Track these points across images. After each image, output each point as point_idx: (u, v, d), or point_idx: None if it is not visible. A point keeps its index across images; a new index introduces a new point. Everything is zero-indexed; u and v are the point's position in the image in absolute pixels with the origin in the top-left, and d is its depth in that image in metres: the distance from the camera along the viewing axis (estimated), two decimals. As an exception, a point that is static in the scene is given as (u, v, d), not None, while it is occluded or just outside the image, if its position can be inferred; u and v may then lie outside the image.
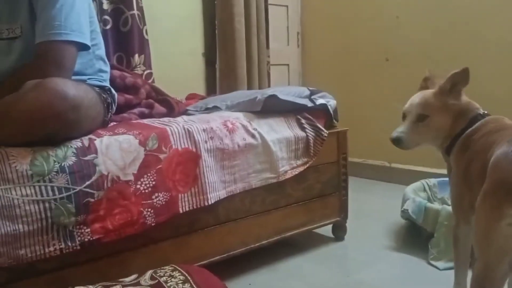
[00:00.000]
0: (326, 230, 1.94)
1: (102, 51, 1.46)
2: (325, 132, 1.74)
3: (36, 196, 1.10)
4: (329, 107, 1.79)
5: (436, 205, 1.81)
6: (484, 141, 1.10)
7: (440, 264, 1.64)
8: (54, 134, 1.13)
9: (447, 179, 2.19)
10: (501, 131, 1.08)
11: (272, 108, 1.65)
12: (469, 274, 1.04)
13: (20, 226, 1.08)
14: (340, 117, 1.87)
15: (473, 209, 1.00)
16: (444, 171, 2.47)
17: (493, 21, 2.43)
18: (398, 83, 2.69)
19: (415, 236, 1.63)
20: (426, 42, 2.69)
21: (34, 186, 1.10)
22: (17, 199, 1.08)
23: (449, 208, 1.75)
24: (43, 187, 1.11)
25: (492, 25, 2.44)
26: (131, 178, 1.27)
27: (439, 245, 1.69)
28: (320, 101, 1.77)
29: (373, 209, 2.31)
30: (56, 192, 1.13)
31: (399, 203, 2.01)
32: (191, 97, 2.17)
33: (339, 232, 1.93)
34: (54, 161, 1.13)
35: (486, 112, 1.26)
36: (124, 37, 2.17)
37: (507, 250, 0.89)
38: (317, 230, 1.89)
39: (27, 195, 1.09)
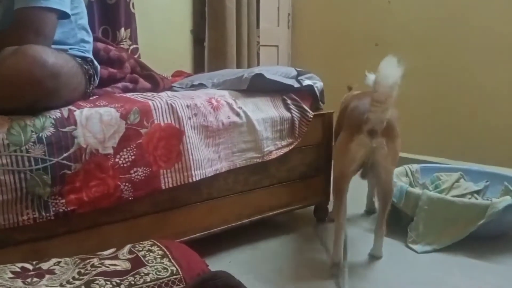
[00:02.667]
0: (308, 212, 1.95)
1: (84, 21, 1.43)
2: (311, 114, 1.73)
3: (12, 166, 1.08)
4: (315, 89, 1.78)
5: (417, 190, 1.83)
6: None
7: (418, 247, 1.66)
8: (33, 103, 1.11)
9: (429, 165, 2.24)
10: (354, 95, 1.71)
11: (258, 87, 1.63)
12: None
13: (-4, 195, 1.07)
14: (326, 100, 1.87)
15: None
16: (427, 157, 2.49)
17: (483, 9, 2.43)
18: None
19: (395, 219, 1.65)
20: (417, 28, 2.68)
21: (10, 156, 1.08)
22: (-7, 168, 1.06)
23: (430, 193, 1.77)
24: (19, 157, 1.09)
25: (483, 14, 2.44)
26: (111, 151, 1.25)
27: (418, 229, 1.71)
28: (307, 82, 1.76)
29: (355, 192, 2.32)
30: (33, 163, 1.11)
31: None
32: (178, 74, 2.14)
33: (321, 213, 1.94)
34: (32, 131, 1.11)
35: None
36: (111, 9, 2.12)
37: (354, 159, 1.44)
38: (299, 211, 1.90)
39: (1, 165, 1.07)
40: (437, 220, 1.70)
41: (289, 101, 1.71)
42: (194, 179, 1.43)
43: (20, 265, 1.07)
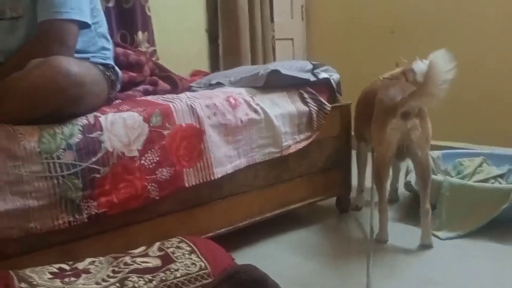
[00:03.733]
0: (330, 203, 1.97)
1: (104, 29, 1.47)
2: (328, 106, 1.75)
3: (45, 172, 1.14)
4: (332, 81, 1.79)
5: (439, 177, 1.83)
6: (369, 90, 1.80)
7: (442, 234, 1.66)
8: (58, 111, 1.16)
9: (451, 151, 2.23)
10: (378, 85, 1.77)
11: (274, 83, 1.66)
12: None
13: (30, 201, 1.13)
14: (344, 91, 1.88)
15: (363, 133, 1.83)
16: (449, 143, 2.47)
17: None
18: (403, 56, 2.66)
19: (417, 207, 1.66)
20: (432, 15, 2.64)
21: (42, 163, 1.14)
22: (26, 175, 1.12)
23: (452, 179, 1.77)
24: (51, 164, 1.15)
25: (499, 1, 2.39)
26: (136, 154, 1.30)
27: (441, 216, 1.71)
28: (323, 75, 1.77)
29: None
30: (64, 169, 1.16)
31: (402, 175, 2.04)
32: (195, 73, 2.18)
33: (343, 204, 1.96)
34: (61, 139, 1.16)
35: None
36: (127, 14, 2.17)
37: (391, 143, 1.52)
38: (321, 203, 1.92)
39: (35, 172, 1.13)
40: (460, 206, 1.69)
41: (306, 95, 1.72)
42: (216, 177, 1.47)
43: (57, 265, 1.13)
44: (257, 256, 1.58)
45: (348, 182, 1.93)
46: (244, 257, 1.53)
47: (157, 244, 1.25)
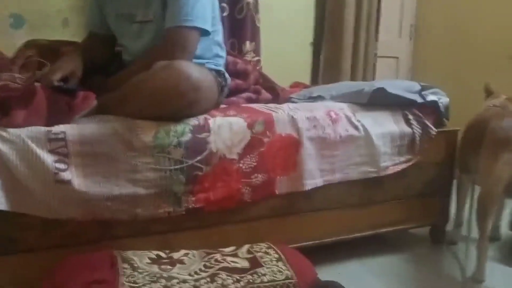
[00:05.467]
0: (423, 232, 1.87)
1: (220, 37, 1.57)
2: (433, 130, 1.67)
3: (155, 165, 1.24)
4: (440, 104, 1.71)
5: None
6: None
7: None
8: (176, 111, 1.26)
9: None
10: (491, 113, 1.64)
11: (378, 101, 1.62)
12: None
13: (139, 189, 1.24)
14: (452, 116, 1.77)
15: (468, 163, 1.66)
16: None
17: None
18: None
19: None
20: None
21: (154, 156, 1.24)
22: (139, 165, 1.23)
23: None
24: (161, 158, 1.25)
25: None
26: (236, 157, 1.36)
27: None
28: (431, 97, 1.70)
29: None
30: (172, 163, 1.26)
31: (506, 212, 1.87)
32: (295, 85, 2.21)
33: (437, 235, 1.85)
34: (174, 136, 1.26)
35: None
36: (238, 24, 2.28)
37: (501, 179, 1.43)
38: (414, 231, 1.83)
39: (147, 163, 1.23)
40: None
41: (410, 116, 1.66)
42: (305, 188, 1.48)
43: (155, 252, 1.22)
44: (341, 275, 1.54)
45: (445, 212, 1.81)
46: (327, 273, 1.50)
47: (246, 246, 1.29)
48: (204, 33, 1.40)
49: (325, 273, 1.47)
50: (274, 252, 1.26)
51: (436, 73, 2.95)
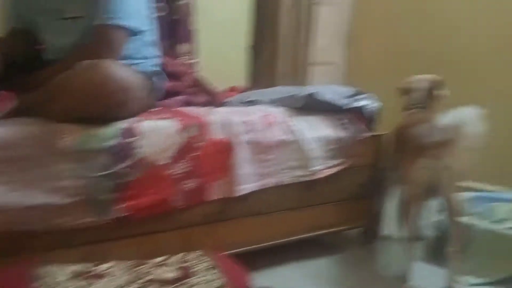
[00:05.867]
0: (356, 233, 1.92)
1: (153, 37, 1.51)
2: (364, 134, 1.72)
3: (80, 171, 1.16)
4: (371, 109, 1.77)
5: (469, 220, 1.75)
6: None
7: (470, 279, 1.58)
8: (103, 114, 1.19)
9: (483, 194, 2.14)
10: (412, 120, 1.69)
11: (313, 106, 1.65)
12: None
13: (62, 197, 1.15)
14: (384, 121, 1.84)
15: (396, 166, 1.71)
16: (481, 185, 2.35)
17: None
18: (451, 90, 2.60)
19: (445, 248, 1.59)
20: (483, 48, 2.57)
21: (78, 162, 1.16)
22: (62, 172, 1.14)
23: (484, 224, 1.70)
24: (86, 163, 1.17)
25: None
26: (168, 162, 1.31)
27: (469, 260, 1.63)
28: (362, 102, 1.75)
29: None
30: (98, 170, 1.18)
31: (430, 213, 1.96)
32: (232, 89, 2.19)
33: (370, 236, 1.90)
34: (100, 140, 1.19)
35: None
36: (174, 25, 2.22)
37: (420, 182, 1.49)
38: (348, 232, 1.88)
39: (70, 169, 1.15)
40: (490, 253, 1.62)
41: (343, 121, 1.70)
42: (239, 193, 1.46)
43: (79, 265, 1.13)
44: (277, 279, 1.54)
45: (377, 213, 1.88)
46: (264, 278, 1.50)
47: (179, 255, 1.24)
48: (135, 32, 1.34)
49: (261, 278, 1.47)
50: (207, 260, 1.22)
51: (369, 79, 3.06)
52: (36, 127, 1.14)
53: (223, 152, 1.42)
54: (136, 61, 1.42)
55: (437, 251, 1.81)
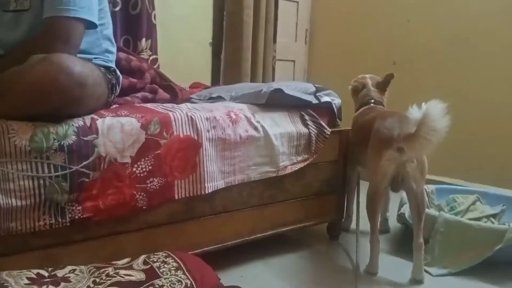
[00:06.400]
0: (321, 229, 1.93)
1: (109, 31, 1.45)
2: (328, 130, 1.73)
3: (32, 172, 1.10)
4: (333, 105, 1.78)
5: (432, 211, 1.81)
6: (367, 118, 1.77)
7: (433, 270, 1.63)
8: (57, 110, 1.12)
9: (445, 186, 2.21)
10: (375, 114, 1.75)
11: (276, 102, 1.64)
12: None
13: (13, 200, 1.08)
14: (343, 117, 1.86)
15: (358, 160, 1.82)
16: (443, 178, 2.45)
17: (504, 25, 2.42)
18: (404, 87, 2.67)
19: (410, 240, 1.63)
20: (435, 48, 2.67)
21: (30, 162, 1.09)
22: (12, 173, 1.07)
23: (446, 215, 1.75)
24: (39, 164, 1.10)
25: (503, 30, 2.42)
26: (128, 160, 1.26)
27: (434, 251, 1.68)
28: (325, 98, 1.76)
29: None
30: (52, 170, 1.12)
31: (396, 207, 2.01)
32: (195, 85, 2.15)
33: (334, 231, 1.92)
34: (54, 139, 1.12)
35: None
36: (133, 20, 2.15)
37: (385, 174, 1.51)
38: (312, 228, 1.88)
39: (22, 170, 1.08)
40: (453, 243, 1.67)
41: (306, 117, 1.71)
42: (207, 191, 1.43)
43: (35, 271, 1.07)
44: (244, 277, 1.53)
45: (341, 208, 1.90)
46: (231, 277, 1.48)
47: (143, 257, 1.19)
48: (90, 25, 1.27)
49: (228, 276, 1.45)
50: (173, 260, 1.19)
51: (329, 76, 3.10)
52: (-17, 126, 1.06)
53: (188, 150, 1.38)
54: (93, 56, 1.36)
55: (402, 243, 1.85)
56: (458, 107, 2.66)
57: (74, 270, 1.10)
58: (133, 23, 2.15)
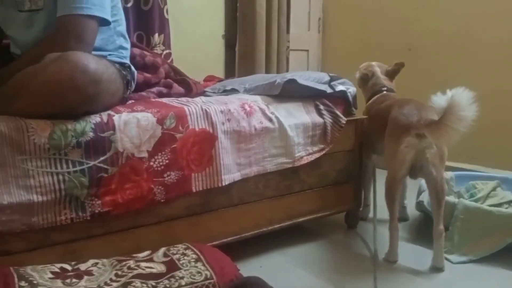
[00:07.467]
0: (339, 218, 1.93)
1: (123, 28, 1.46)
2: (343, 119, 1.71)
3: (51, 168, 1.12)
4: (348, 94, 1.76)
5: (452, 198, 1.78)
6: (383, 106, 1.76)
7: (453, 257, 1.61)
8: (74, 108, 1.14)
9: (465, 173, 2.18)
10: (391, 102, 1.74)
11: (290, 92, 1.63)
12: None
13: (34, 196, 1.11)
14: (359, 105, 1.85)
15: (373, 148, 1.82)
16: (462, 165, 2.41)
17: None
18: (420, 74, 2.63)
19: (429, 228, 1.61)
20: (449, 33, 2.62)
21: (49, 158, 1.12)
22: (32, 170, 1.10)
23: (466, 202, 1.73)
24: (57, 160, 1.13)
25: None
26: (145, 155, 1.27)
27: (453, 239, 1.66)
28: (339, 87, 1.74)
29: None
30: (70, 166, 1.14)
31: (414, 195, 1.99)
32: (209, 79, 2.16)
33: (352, 220, 1.92)
34: (72, 136, 1.14)
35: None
36: (145, 15, 2.16)
37: (404, 161, 1.49)
38: (330, 218, 1.88)
39: (41, 167, 1.11)
40: (474, 230, 1.65)
41: (321, 107, 1.70)
42: (223, 184, 1.44)
43: (59, 265, 1.10)
44: (264, 267, 1.54)
45: (358, 197, 1.89)
46: (250, 267, 1.49)
47: (163, 249, 1.22)
48: (103, 22, 1.28)
49: (247, 267, 1.46)
50: (192, 252, 1.21)
51: (343, 65, 3.06)
52: (1, 124, 1.08)
53: (204, 143, 1.39)
54: (107, 53, 1.37)
55: (421, 231, 1.84)
56: (476, 92, 2.61)
57: (97, 263, 1.13)
58: (146, 18, 2.16)
